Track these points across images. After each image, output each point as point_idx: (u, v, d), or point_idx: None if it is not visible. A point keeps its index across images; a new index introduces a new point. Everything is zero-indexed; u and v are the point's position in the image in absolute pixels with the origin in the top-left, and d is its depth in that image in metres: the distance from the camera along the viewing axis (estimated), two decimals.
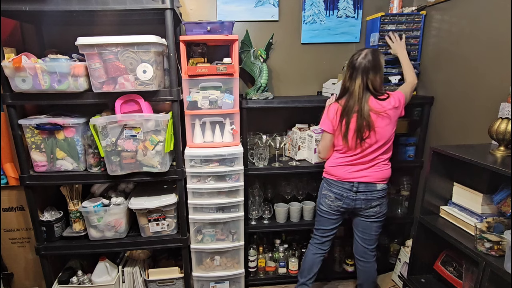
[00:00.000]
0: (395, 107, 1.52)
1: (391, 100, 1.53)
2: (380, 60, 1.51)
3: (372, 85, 1.50)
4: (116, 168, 1.64)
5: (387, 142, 1.57)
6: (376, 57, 1.50)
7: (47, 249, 1.77)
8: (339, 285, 2.20)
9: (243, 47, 2.01)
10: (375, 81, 1.50)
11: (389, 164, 1.62)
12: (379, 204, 1.62)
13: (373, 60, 1.49)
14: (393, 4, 1.97)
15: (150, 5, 1.48)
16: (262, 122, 2.11)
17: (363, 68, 1.49)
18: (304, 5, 2.05)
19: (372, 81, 1.49)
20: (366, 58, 1.49)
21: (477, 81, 1.63)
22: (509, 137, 1.25)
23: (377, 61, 1.50)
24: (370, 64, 1.48)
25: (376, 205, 1.62)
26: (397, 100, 1.53)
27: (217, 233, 1.89)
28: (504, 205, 1.29)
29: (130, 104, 1.60)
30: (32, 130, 1.60)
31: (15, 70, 1.45)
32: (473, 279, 1.38)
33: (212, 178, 1.81)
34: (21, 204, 1.86)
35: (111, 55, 1.47)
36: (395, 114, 1.54)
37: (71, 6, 1.45)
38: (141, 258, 2.01)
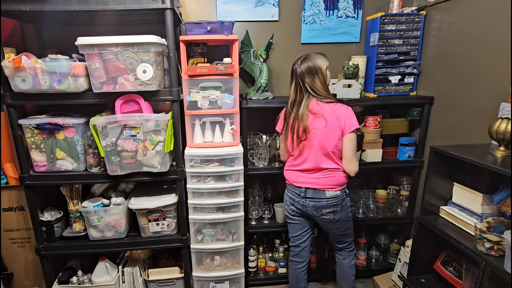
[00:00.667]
0: (336, 116, 1.46)
1: (336, 107, 1.48)
2: (316, 63, 1.47)
3: (311, 88, 1.49)
4: (116, 168, 1.64)
5: (332, 151, 1.50)
6: (312, 61, 1.48)
7: (47, 249, 1.77)
8: None
9: (243, 47, 2.01)
10: (313, 84, 1.48)
11: (338, 171, 1.54)
12: (331, 211, 1.56)
13: (308, 63, 1.48)
14: (393, 4, 1.97)
15: (150, 5, 1.48)
16: (262, 122, 2.11)
17: (298, 73, 1.49)
18: (304, 5, 2.06)
19: (310, 84, 1.48)
20: (302, 63, 1.49)
21: (477, 81, 1.63)
22: (509, 137, 1.25)
23: (313, 64, 1.47)
24: (305, 68, 1.48)
25: (328, 213, 1.56)
26: (343, 112, 1.47)
27: (217, 233, 1.89)
28: (504, 205, 1.29)
29: (130, 104, 1.60)
30: (32, 130, 1.60)
31: (15, 70, 1.45)
32: (473, 279, 1.38)
33: (212, 178, 1.81)
34: (21, 204, 1.86)
35: (111, 55, 1.47)
36: (334, 122, 1.46)
37: (71, 6, 1.45)
38: (141, 258, 2.01)
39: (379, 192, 2.17)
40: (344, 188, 1.58)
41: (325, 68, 1.50)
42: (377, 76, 1.98)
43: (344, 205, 1.59)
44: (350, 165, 1.51)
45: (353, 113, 1.49)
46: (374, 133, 2.00)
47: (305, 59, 1.49)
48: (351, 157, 1.50)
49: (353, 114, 1.48)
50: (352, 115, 1.48)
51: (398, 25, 1.94)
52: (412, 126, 2.14)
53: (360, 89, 1.96)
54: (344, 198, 1.58)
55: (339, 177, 1.54)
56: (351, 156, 1.50)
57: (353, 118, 1.47)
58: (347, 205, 1.61)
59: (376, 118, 1.99)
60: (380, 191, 2.17)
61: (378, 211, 2.17)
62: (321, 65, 1.48)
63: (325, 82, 1.51)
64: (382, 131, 2.04)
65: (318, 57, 1.49)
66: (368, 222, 2.19)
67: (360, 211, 2.15)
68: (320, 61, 1.48)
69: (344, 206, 1.59)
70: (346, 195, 1.60)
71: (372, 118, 1.99)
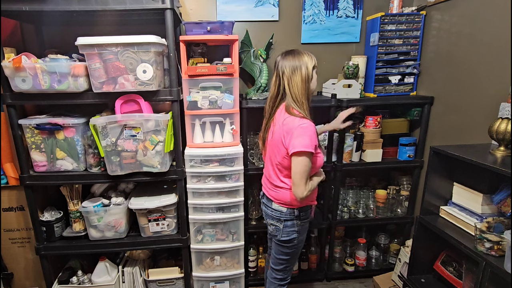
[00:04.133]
0: (285, 131, 1.31)
1: (288, 120, 1.31)
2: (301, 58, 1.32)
3: (288, 84, 1.33)
4: (116, 168, 1.64)
5: (277, 167, 1.40)
6: (297, 55, 1.33)
7: (47, 249, 1.77)
8: (339, 285, 2.20)
9: (243, 47, 2.01)
10: (291, 79, 1.32)
11: (283, 189, 1.41)
12: (273, 224, 1.46)
13: (293, 55, 1.33)
14: (393, 4, 1.97)
15: (150, 5, 1.48)
16: (262, 122, 2.11)
17: (280, 63, 1.36)
18: (304, 5, 2.05)
19: (288, 78, 1.33)
20: (286, 54, 1.35)
21: (477, 81, 1.63)
22: (509, 137, 1.25)
23: (298, 58, 1.32)
24: (288, 60, 1.33)
25: (271, 224, 1.48)
26: (291, 130, 1.28)
27: (217, 233, 1.89)
28: (504, 205, 1.29)
29: (130, 104, 1.60)
30: (32, 130, 1.60)
31: (15, 70, 1.45)
32: (473, 279, 1.38)
33: (212, 178, 1.81)
34: (21, 204, 1.86)
35: (111, 55, 1.47)
36: (279, 137, 1.34)
37: (71, 6, 1.45)
38: (141, 258, 2.01)
39: (379, 192, 2.17)
40: (292, 208, 1.41)
41: (311, 67, 1.33)
42: (377, 76, 1.98)
43: (287, 226, 1.42)
44: (295, 188, 1.30)
45: (304, 133, 1.25)
46: (374, 133, 2.01)
47: (290, 52, 1.36)
48: (297, 181, 1.29)
49: (304, 133, 1.25)
50: (300, 135, 1.25)
51: (398, 25, 1.94)
52: (412, 126, 2.14)
53: (360, 89, 1.96)
54: (289, 219, 1.42)
55: (284, 195, 1.40)
56: (297, 180, 1.29)
57: (300, 139, 1.25)
58: (292, 230, 1.42)
59: (376, 118, 1.99)
60: (380, 191, 2.17)
61: (378, 211, 2.17)
62: (307, 62, 1.32)
63: (306, 81, 1.32)
64: (382, 131, 2.04)
65: (306, 54, 1.34)
66: (368, 222, 2.19)
67: (360, 211, 2.15)
68: (306, 58, 1.33)
69: (287, 227, 1.42)
70: (295, 218, 1.41)
71: (372, 118, 1.99)
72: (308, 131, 1.27)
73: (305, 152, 1.26)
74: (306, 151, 1.25)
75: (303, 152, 1.26)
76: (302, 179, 1.29)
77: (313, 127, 1.29)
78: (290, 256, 1.51)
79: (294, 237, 1.44)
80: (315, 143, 1.28)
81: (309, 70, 1.32)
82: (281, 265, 1.53)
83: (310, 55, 1.35)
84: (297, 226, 1.43)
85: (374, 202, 2.18)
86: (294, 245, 1.47)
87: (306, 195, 1.31)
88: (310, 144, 1.26)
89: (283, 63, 1.34)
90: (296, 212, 1.42)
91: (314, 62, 1.35)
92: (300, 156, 1.27)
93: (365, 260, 2.24)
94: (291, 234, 1.44)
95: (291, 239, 1.44)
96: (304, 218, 1.45)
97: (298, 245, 1.49)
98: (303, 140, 1.25)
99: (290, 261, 1.53)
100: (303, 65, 1.31)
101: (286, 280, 1.58)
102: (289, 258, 1.51)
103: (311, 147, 1.26)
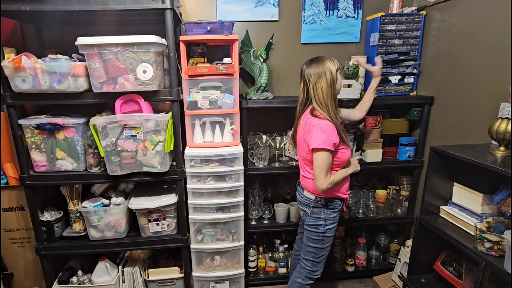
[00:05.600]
0: (306, 130, 1.46)
1: (309, 121, 1.45)
2: (325, 64, 1.43)
3: (313, 90, 1.44)
4: (116, 168, 1.64)
5: (303, 161, 1.56)
6: (320, 61, 1.44)
7: (47, 249, 1.77)
8: (339, 285, 2.20)
9: (243, 47, 2.01)
10: (316, 86, 1.43)
11: (309, 180, 1.54)
12: (303, 210, 1.60)
13: (317, 63, 1.44)
14: (393, 4, 1.97)
15: (150, 5, 1.48)
16: (262, 122, 2.11)
17: (305, 73, 1.47)
18: (304, 5, 2.05)
19: (314, 85, 1.44)
20: (311, 62, 1.46)
21: (477, 81, 1.63)
22: (509, 137, 1.25)
23: (321, 65, 1.43)
24: (312, 67, 1.44)
25: (301, 210, 1.62)
26: (310, 129, 1.43)
27: (217, 233, 1.89)
28: (504, 205, 1.29)
29: (130, 104, 1.60)
30: (32, 130, 1.60)
31: (15, 70, 1.45)
32: (473, 279, 1.38)
33: (212, 178, 1.81)
34: (21, 204, 1.86)
35: (111, 55, 1.47)
36: (302, 135, 1.49)
37: (71, 6, 1.45)
38: (141, 258, 2.01)
39: (379, 192, 2.17)
40: (320, 197, 1.52)
41: (334, 70, 1.43)
42: None
43: (314, 212, 1.54)
44: (317, 181, 1.44)
45: (321, 132, 1.39)
46: (374, 133, 2.01)
47: (314, 59, 1.47)
48: (317, 174, 1.43)
49: (321, 132, 1.39)
50: (318, 134, 1.39)
51: (398, 25, 1.94)
52: (412, 126, 2.14)
53: (360, 89, 1.96)
54: (316, 206, 1.53)
55: (310, 185, 1.53)
56: (317, 174, 1.43)
57: (316, 137, 1.39)
58: (319, 217, 1.53)
59: (376, 118, 1.99)
60: (380, 191, 2.17)
61: (378, 211, 2.17)
62: (330, 66, 1.43)
63: (332, 85, 1.43)
64: (382, 131, 2.04)
65: (328, 60, 1.45)
66: (368, 222, 2.19)
67: (360, 211, 2.15)
68: (329, 63, 1.44)
69: (314, 214, 1.54)
70: (322, 206, 1.53)
71: (372, 118, 1.99)
72: (324, 130, 1.39)
73: (322, 149, 1.38)
74: (322, 148, 1.38)
75: (319, 149, 1.39)
76: (321, 173, 1.41)
77: (330, 127, 1.40)
78: (318, 245, 1.57)
79: (321, 224, 1.53)
80: (333, 141, 1.39)
81: (333, 74, 1.43)
82: (309, 254, 1.60)
83: (333, 60, 1.45)
84: (323, 214, 1.53)
85: (374, 202, 2.18)
86: (321, 233, 1.55)
87: (327, 187, 1.42)
88: (326, 142, 1.37)
89: (309, 71, 1.45)
90: (323, 201, 1.52)
91: (337, 65, 1.45)
92: (317, 152, 1.40)
93: (365, 260, 2.24)
94: (318, 220, 1.54)
95: (318, 225, 1.54)
96: (331, 208, 1.54)
97: (325, 234, 1.55)
98: (319, 138, 1.38)
99: (318, 251, 1.59)
100: (327, 71, 1.42)
101: (314, 273, 1.63)
102: (317, 247, 1.58)
103: (327, 145, 1.37)
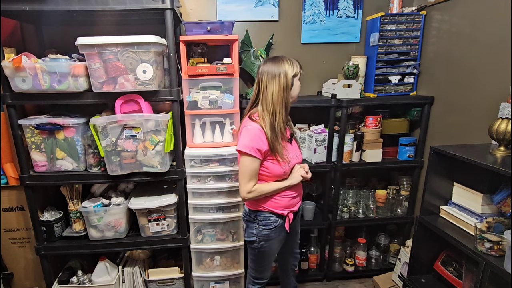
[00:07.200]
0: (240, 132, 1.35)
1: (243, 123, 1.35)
2: (281, 66, 1.28)
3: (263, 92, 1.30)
4: (116, 168, 1.64)
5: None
6: (278, 62, 1.29)
7: (47, 249, 1.77)
8: (339, 285, 2.20)
9: (243, 47, 2.01)
10: (266, 89, 1.28)
11: None
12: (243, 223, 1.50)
13: (273, 62, 1.29)
14: (393, 4, 1.97)
15: (150, 5, 1.48)
16: None
17: (260, 70, 1.32)
18: (304, 5, 2.05)
19: (264, 86, 1.29)
20: (267, 61, 1.31)
21: (477, 81, 1.63)
22: (509, 137, 1.25)
23: (277, 66, 1.28)
24: (267, 67, 1.29)
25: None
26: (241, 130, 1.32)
27: (217, 233, 1.89)
28: (504, 205, 1.29)
29: (130, 104, 1.60)
30: (32, 130, 1.60)
31: (15, 70, 1.45)
32: (473, 279, 1.38)
33: (212, 178, 1.81)
34: (21, 204, 1.86)
35: (111, 55, 1.47)
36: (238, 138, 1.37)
37: (71, 6, 1.45)
38: (141, 258, 2.01)
39: (379, 192, 2.17)
40: (252, 210, 1.40)
41: (291, 75, 1.27)
42: (377, 76, 1.98)
43: (248, 227, 1.43)
44: (239, 188, 1.33)
45: (246, 134, 1.28)
46: (374, 133, 2.00)
47: (272, 58, 1.31)
48: (239, 180, 1.31)
49: (245, 135, 1.28)
50: (243, 136, 1.29)
51: (398, 25, 1.94)
52: (412, 126, 2.14)
53: (360, 89, 1.96)
54: (249, 220, 1.42)
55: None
56: (239, 179, 1.31)
57: (241, 139, 1.29)
58: (251, 232, 1.41)
59: (376, 118, 1.99)
60: (380, 191, 2.17)
61: (378, 211, 2.17)
62: (287, 69, 1.27)
63: (284, 90, 1.27)
64: (382, 131, 2.04)
65: (287, 62, 1.29)
66: (368, 222, 2.19)
67: (360, 211, 2.15)
68: (287, 65, 1.27)
69: (248, 228, 1.43)
70: (253, 220, 1.40)
71: (372, 118, 1.99)
72: (250, 133, 1.27)
73: (243, 153, 1.27)
74: (243, 151, 1.27)
75: (241, 152, 1.28)
76: (243, 179, 1.30)
77: (257, 131, 1.27)
78: (255, 258, 1.46)
79: (254, 240, 1.41)
80: (256, 147, 1.26)
81: (288, 78, 1.27)
82: (251, 263, 1.51)
83: (292, 63, 1.30)
84: (255, 230, 1.40)
85: (374, 202, 2.18)
86: (256, 249, 1.42)
87: (246, 196, 1.31)
88: (248, 146, 1.26)
89: (263, 69, 1.30)
90: (252, 215, 1.40)
91: (296, 70, 1.29)
92: (241, 156, 1.30)
93: (365, 260, 2.24)
94: (251, 236, 1.42)
95: (251, 241, 1.42)
96: (262, 224, 1.38)
97: (261, 251, 1.42)
98: (243, 140, 1.28)
99: (257, 263, 1.47)
100: (282, 73, 1.27)
101: (258, 279, 1.52)
102: (255, 260, 1.47)
103: (248, 149, 1.25)
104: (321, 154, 1.98)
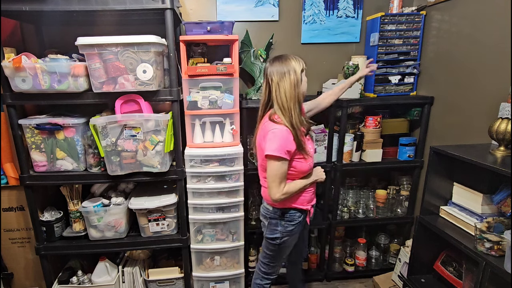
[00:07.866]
0: (262, 135, 1.36)
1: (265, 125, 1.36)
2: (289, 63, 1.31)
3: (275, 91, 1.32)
4: (116, 168, 1.64)
5: (261, 167, 1.45)
6: (284, 60, 1.32)
7: (47, 249, 1.77)
8: (339, 285, 2.20)
9: (243, 47, 2.01)
10: (278, 87, 1.31)
11: (265, 188, 1.45)
12: (261, 220, 1.54)
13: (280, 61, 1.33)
14: (393, 4, 1.97)
15: (150, 5, 1.48)
16: None
17: (268, 71, 1.35)
18: (304, 5, 2.05)
19: (276, 85, 1.32)
20: (274, 61, 1.35)
21: (477, 81, 1.63)
22: (509, 137, 1.25)
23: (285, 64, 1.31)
24: (275, 66, 1.32)
25: (261, 220, 1.55)
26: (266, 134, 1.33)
27: (217, 233, 1.89)
28: (504, 205, 1.29)
29: (130, 104, 1.60)
30: (32, 130, 1.60)
31: (15, 70, 1.45)
32: (473, 279, 1.38)
33: (212, 178, 1.81)
34: (21, 204, 1.86)
35: (111, 55, 1.47)
36: (259, 140, 1.39)
37: (71, 6, 1.45)
38: (141, 258, 2.01)
39: (379, 192, 2.17)
40: (276, 208, 1.43)
41: (299, 71, 1.32)
42: (377, 76, 1.98)
43: (271, 224, 1.45)
44: (269, 191, 1.34)
45: (274, 137, 1.29)
46: (374, 133, 2.01)
47: (278, 57, 1.35)
48: (270, 183, 1.33)
49: (273, 138, 1.29)
50: (271, 139, 1.29)
51: (398, 25, 1.94)
52: (412, 126, 2.14)
53: (360, 89, 1.96)
54: (273, 217, 1.44)
55: (266, 194, 1.42)
56: (270, 183, 1.33)
57: (269, 143, 1.29)
58: (275, 229, 1.44)
59: (376, 118, 1.99)
60: (380, 191, 2.17)
61: (378, 211, 2.17)
62: (295, 66, 1.31)
63: (295, 86, 1.31)
64: (382, 131, 2.04)
65: (293, 59, 1.33)
66: (368, 222, 2.19)
67: (360, 211, 2.15)
68: (294, 62, 1.32)
69: (271, 225, 1.46)
70: (278, 217, 1.43)
71: (372, 118, 1.99)
72: (277, 135, 1.29)
73: (274, 156, 1.28)
74: (274, 155, 1.28)
75: (271, 156, 1.29)
76: (274, 182, 1.32)
77: (285, 132, 1.29)
78: (274, 253, 1.51)
79: (277, 237, 1.45)
80: (286, 148, 1.28)
81: (297, 74, 1.31)
82: (265, 258, 1.55)
83: (298, 59, 1.34)
84: (280, 226, 1.44)
85: (374, 202, 2.18)
86: (278, 245, 1.47)
87: (279, 197, 1.33)
88: (278, 149, 1.27)
89: (271, 70, 1.33)
90: (278, 212, 1.43)
91: (302, 65, 1.34)
92: (270, 160, 1.31)
93: (365, 260, 2.24)
94: (275, 233, 1.45)
95: (274, 238, 1.46)
96: (288, 220, 1.43)
97: (282, 246, 1.47)
98: (272, 144, 1.29)
99: (274, 258, 1.53)
100: (291, 70, 1.30)
101: (269, 275, 1.57)
102: (273, 255, 1.52)
103: (279, 152, 1.27)
104: (321, 154, 1.98)
